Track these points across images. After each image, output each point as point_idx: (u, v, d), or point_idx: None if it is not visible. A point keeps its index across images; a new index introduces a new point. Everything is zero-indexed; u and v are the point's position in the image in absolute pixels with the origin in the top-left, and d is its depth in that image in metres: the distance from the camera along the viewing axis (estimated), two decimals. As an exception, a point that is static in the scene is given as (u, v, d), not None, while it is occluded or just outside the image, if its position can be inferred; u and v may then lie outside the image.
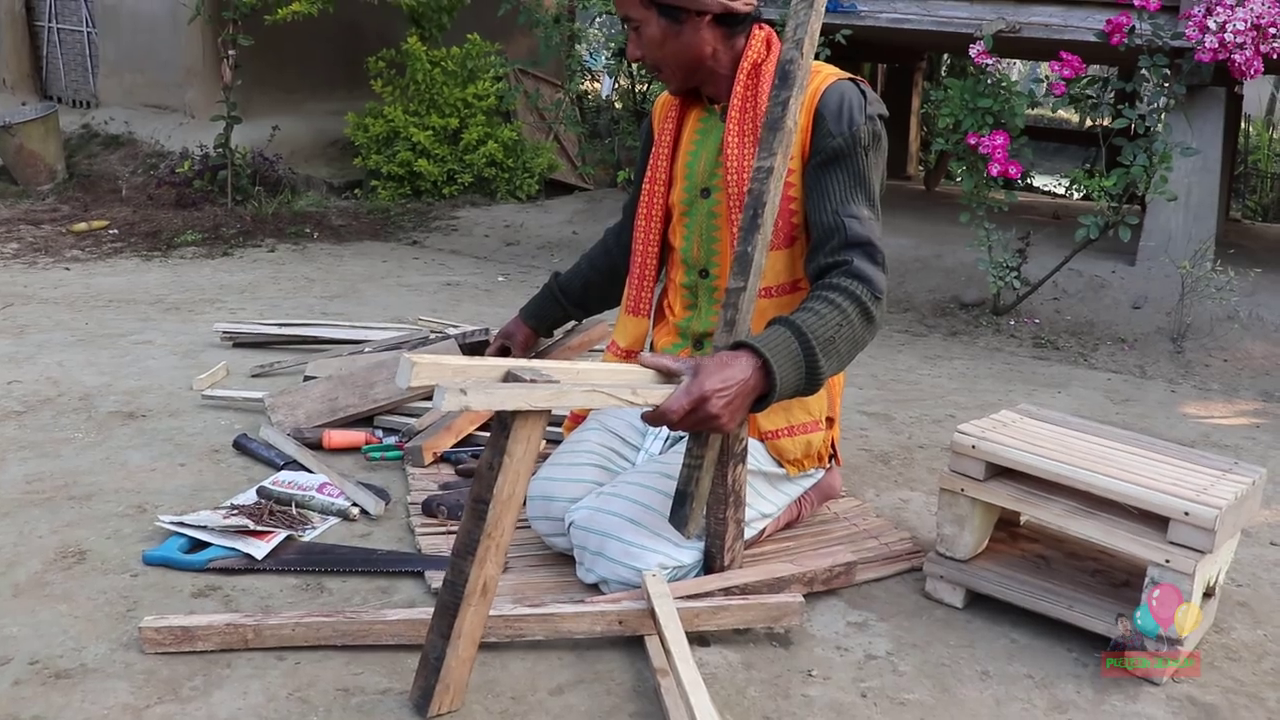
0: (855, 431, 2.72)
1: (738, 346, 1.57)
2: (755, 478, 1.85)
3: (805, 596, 1.72)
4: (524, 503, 1.64)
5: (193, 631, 1.54)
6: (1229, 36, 3.83)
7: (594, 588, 1.76)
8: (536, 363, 1.41)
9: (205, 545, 1.85)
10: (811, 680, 1.57)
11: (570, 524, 1.78)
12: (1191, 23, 3.91)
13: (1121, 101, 4.09)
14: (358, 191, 6.66)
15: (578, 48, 6.26)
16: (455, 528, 1.72)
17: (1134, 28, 3.92)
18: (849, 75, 1.86)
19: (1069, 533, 1.80)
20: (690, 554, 1.75)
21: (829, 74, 1.85)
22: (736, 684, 1.55)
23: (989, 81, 3.96)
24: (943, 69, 8.60)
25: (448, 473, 2.26)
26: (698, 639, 1.63)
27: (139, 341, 3.29)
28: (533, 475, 1.84)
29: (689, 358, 1.59)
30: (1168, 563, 1.58)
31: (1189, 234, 4.46)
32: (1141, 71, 3.99)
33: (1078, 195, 7.51)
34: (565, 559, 1.85)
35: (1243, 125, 7.76)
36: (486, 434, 2.32)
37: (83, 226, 5.42)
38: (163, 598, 1.71)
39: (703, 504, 1.68)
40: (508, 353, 2.35)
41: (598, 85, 9.42)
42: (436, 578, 1.75)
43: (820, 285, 1.70)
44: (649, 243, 2.01)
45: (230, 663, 1.52)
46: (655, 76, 2.12)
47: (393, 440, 2.41)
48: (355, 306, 3.96)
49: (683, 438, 1.76)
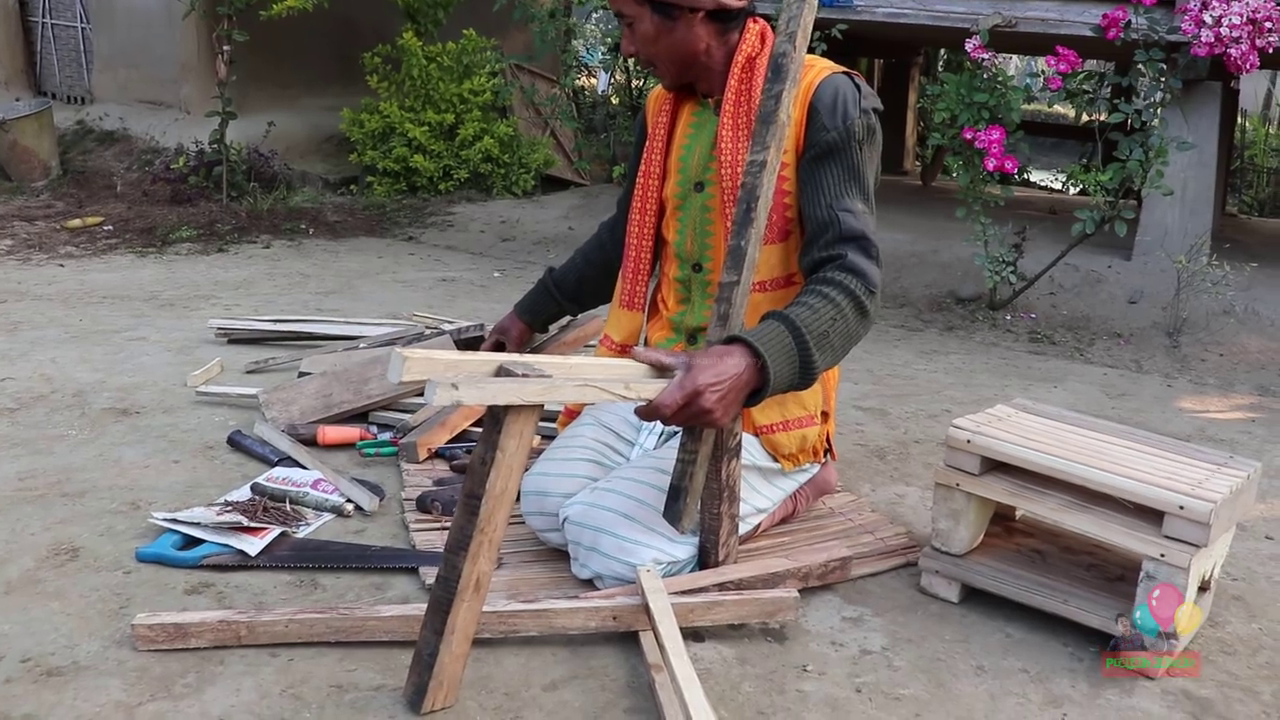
0: (851, 426, 2.72)
1: (731, 341, 1.57)
2: (750, 472, 1.85)
3: (800, 591, 1.72)
4: (518, 498, 1.64)
5: (186, 628, 1.53)
6: (1225, 31, 3.82)
7: (588, 583, 1.76)
8: (529, 357, 1.40)
9: (199, 542, 1.84)
10: (806, 675, 1.57)
11: (564, 519, 1.77)
12: (1187, 17, 3.91)
13: (1118, 96, 4.10)
14: (353, 187, 6.65)
15: (573, 43, 6.24)
16: (450, 523, 1.71)
17: (1130, 22, 3.92)
18: (844, 69, 1.86)
19: (1064, 527, 1.80)
20: (685, 549, 1.75)
21: (824, 68, 1.84)
22: (731, 679, 1.55)
23: (985, 76, 3.96)
24: (939, 64, 8.59)
25: (442, 468, 2.26)
26: (692, 634, 1.63)
27: (133, 338, 3.28)
28: (526, 470, 1.84)
29: (682, 352, 1.59)
30: (1163, 557, 1.57)
31: (1185, 229, 4.46)
32: (1137, 66, 3.99)
33: (1074, 190, 7.51)
34: (559, 554, 1.84)
35: (1239, 120, 7.76)
36: (481, 430, 2.31)
37: (77, 223, 5.40)
38: (156, 595, 1.70)
39: (697, 499, 1.67)
40: (503, 348, 2.34)
41: (594, 80, 9.42)
42: (431, 574, 1.75)
43: (814, 279, 1.69)
44: (643, 236, 2.00)
45: (223, 660, 1.52)
46: (650, 72, 2.12)
47: (387, 436, 2.40)
48: (350, 302, 3.95)
49: (677, 433, 1.75)
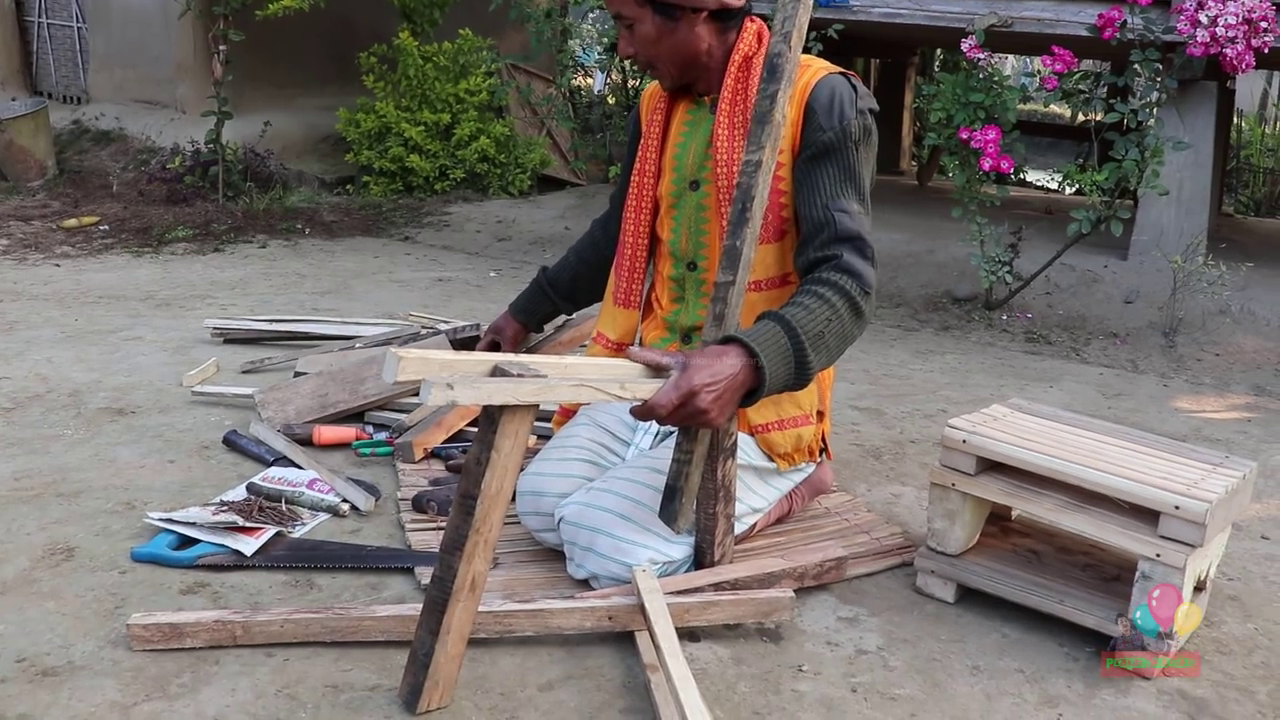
0: (847, 426, 2.72)
1: (727, 341, 1.57)
2: (745, 472, 1.85)
3: (796, 591, 1.72)
4: (513, 498, 1.63)
5: (181, 628, 1.53)
6: (1220, 31, 3.83)
7: (584, 583, 1.76)
8: (524, 357, 1.40)
9: (194, 542, 1.84)
10: (802, 675, 1.57)
11: (560, 519, 1.77)
12: (1183, 17, 3.91)
13: (1113, 96, 4.10)
14: (349, 187, 6.64)
15: (570, 43, 6.23)
16: (445, 523, 1.71)
17: (1126, 22, 3.93)
18: (840, 69, 1.86)
19: (1060, 527, 1.80)
20: (680, 549, 1.75)
21: (820, 68, 1.84)
22: (726, 679, 1.55)
23: (981, 76, 3.96)
24: (935, 64, 8.60)
25: (438, 468, 2.26)
26: (688, 634, 1.63)
27: (129, 338, 3.27)
28: (522, 471, 1.84)
29: (678, 352, 1.59)
30: (1158, 557, 1.58)
31: (1181, 229, 4.46)
32: (1133, 66, 3.99)
33: (1070, 190, 7.52)
34: (555, 554, 1.84)
35: (1235, 120, 7.77)
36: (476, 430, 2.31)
37: (73, 222, 5.39)
38: (151, 594, 1.70)
39: (693, 499, 1.67)
40: (498, 348, 2.33)
41: (590, 80, 9.42)
42: (426, 573, 1.74)
43: (809, 280, 1.69)
44: (638, 234, 2.00)
45: (219, 660, 1.52)
46: (648, 74, 2.11)
47: (383, 436, 2.40)
48: (346, 302, 3.95)
49: (673, 433, 1.75)
